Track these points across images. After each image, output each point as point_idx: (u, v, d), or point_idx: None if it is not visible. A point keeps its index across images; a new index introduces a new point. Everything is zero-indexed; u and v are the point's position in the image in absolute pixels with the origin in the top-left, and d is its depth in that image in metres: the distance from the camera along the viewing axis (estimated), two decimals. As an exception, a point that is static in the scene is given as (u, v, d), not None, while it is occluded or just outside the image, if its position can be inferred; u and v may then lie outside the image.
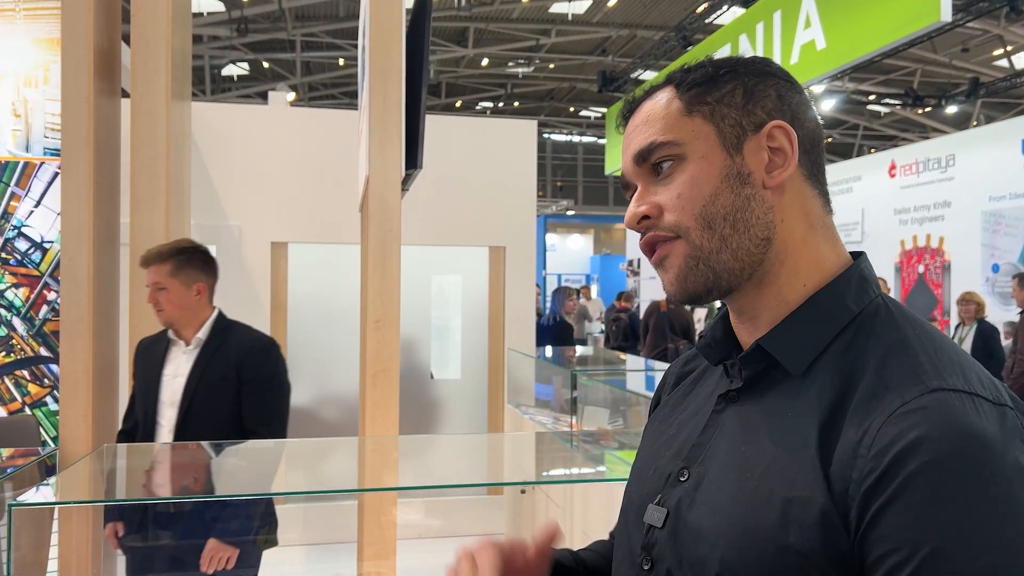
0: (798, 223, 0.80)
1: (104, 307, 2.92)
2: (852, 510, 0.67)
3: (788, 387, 0.77)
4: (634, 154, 0.83)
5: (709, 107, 0.81)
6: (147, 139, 2.81)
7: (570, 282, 19.48)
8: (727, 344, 0.86)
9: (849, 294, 0.79)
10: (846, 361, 0.75)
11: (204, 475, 2.62)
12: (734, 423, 0.80)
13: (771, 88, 0.82)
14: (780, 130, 0.80)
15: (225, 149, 4.62)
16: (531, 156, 5.12)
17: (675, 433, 0.88)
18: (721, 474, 0.77)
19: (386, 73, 2.32)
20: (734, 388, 0.82)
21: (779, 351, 0.78)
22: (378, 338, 2.35)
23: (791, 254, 0.80)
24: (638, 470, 0.91)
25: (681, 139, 0.80)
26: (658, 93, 0.85)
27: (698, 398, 0.90)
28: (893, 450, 0.65)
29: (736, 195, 0.79)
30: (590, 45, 15.23)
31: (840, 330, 0.77)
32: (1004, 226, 8.86)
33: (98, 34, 2.84)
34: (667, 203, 0.81)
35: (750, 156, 0.80)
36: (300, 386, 4.93)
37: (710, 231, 0.79)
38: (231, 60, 14.98)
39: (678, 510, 0.79)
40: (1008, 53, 13.47)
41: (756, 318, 0.82)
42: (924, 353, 0.72)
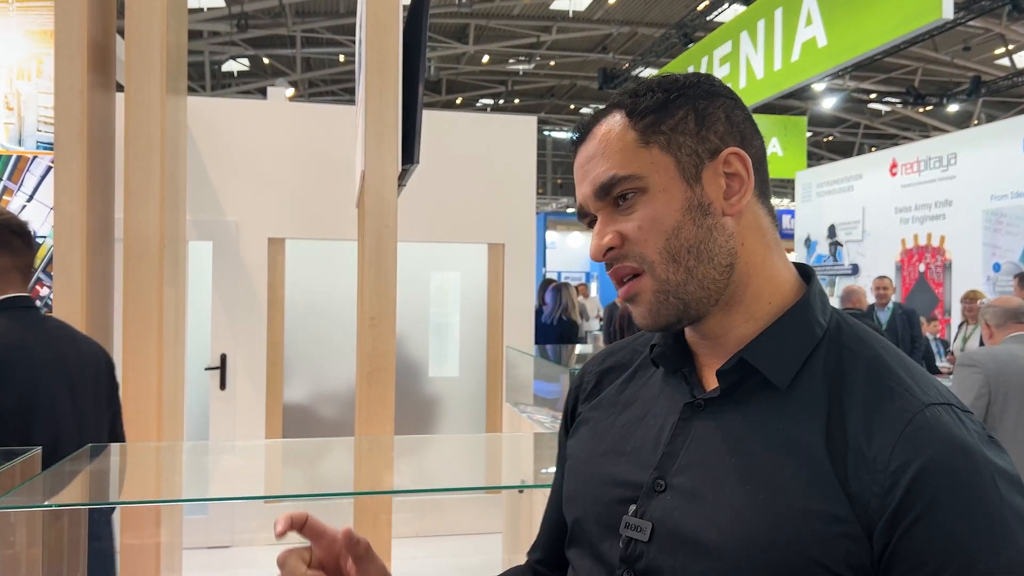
0: (757, 245, 0.83)
1: (97, 303, 2.88)
2: (879, 526, 0.70)
3: (770, 398, 0.79)
4: (595, 188, 0.83)
5: (665, 136, 0.81)
6: (141, 133, 2.77)
7: (570, 279, 19.45)
8: (681, 351, 0.87)
9: (818, 309, 0.83)
10: (827, 375, 0.78)
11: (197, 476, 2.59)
12: (711, 433, 0.80)
13: (719, 109, 0.83)
14: (735, 156, 0.82)
15: (222, 144, 4.59)
16: (531, 153, 5.09)
17: (622, 437, 0.88)
18: (713, 485, 0.77)
19: (383, 67, 2.29)
20: (704, 397, 0.82)
21: (763, 364, 0.79)
22: (374, 335, 2.31)
23: (754, 276, 0.82)
24: (582, 475, 0.90)
25: (641, 172, 0.81)
26: (609, 118, 0.85)
27: (641, 400, 0.90)
28: (911, 470, 0.70)
29: (699, 227, 0.80)
30: (591, 42, 15.18)
31: (816, 344, 0.80)
32: (1005, 225, 8.83)
33: (92, 26, 2.81)
34: (630, 233, 0.81)
35: (708, 184, 0.81)
36: (297, 383, 4.92)
37: (675, 264, 0.80)
38: (231, 56, 14.93)
39: (666, 523, 0.78)
40: (1009, 52, 13.43)
41: (722, 337, 0.84)
42: (900, 369, 0.78)
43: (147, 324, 2.75)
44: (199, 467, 2.71)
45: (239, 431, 4.56)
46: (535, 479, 2.64)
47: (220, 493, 2.56)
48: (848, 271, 11.42)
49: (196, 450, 3.23)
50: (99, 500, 2.42)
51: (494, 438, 4.01)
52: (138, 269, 2.75)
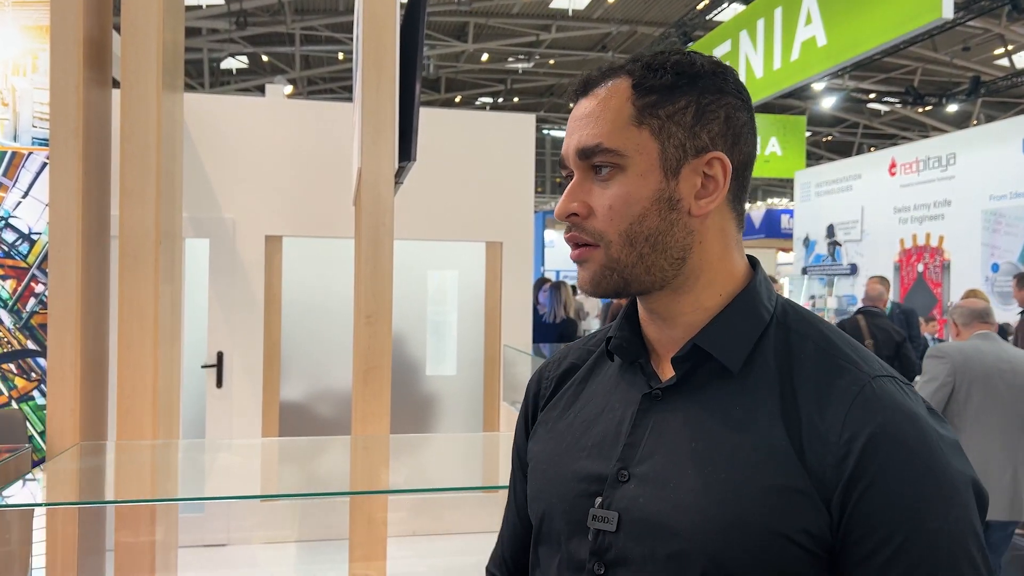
0: (716, 244, 0.85)
1: (93, 301, 2.87)
2: (835, 495, 0.74)
3: (725, 384, 0.82)
4: (577, 148, 0.85)
5: (659, 122, 0.82)
6: (137, 130, 2.76)
7: (569, 279, 19.42)
8: (636, 343, 0.89)
9: (763, 295, 0.86)
10: (777, 357, 0.82)
11: (193, 475, 2.58)
12: (671, 420, 0.83)
13: (722, 108, 0.83)
14: (718, 161, 0.83)
15: (219, 141, 4.57)
16: (529, 151, 5.07)
17: (583, 433, 0.89)
18: (676, 470, 0.79)
19: (379, 64, 2.27)
20: (660, 387, 0.85)
21: (716, 349, 0.82)
22: (370, 333, 2.30)
23: (706, 270, 0.84)
24: (546, 474, 0.91)
25: (625, 150, 0.82)
26: (614, 82, 0.85)
27: (599, 395, 0.91)
28: (862, 437, 0.74)
29: (662, 219, 0.82)
30: (590, 41, 15.16)
31: (765, 327, 0.84)
32: (1004, 225, 8.82)
33: (88, 22, 2.79)
34: (598, 209, 0.83)
35: (684, 181, 0.82)
36: (294, 381, 4.90)
37: (630, 247, 0.82)
38: (230, 53, 14.90)
39: (632, 511, 0.80)
40: (1009, 52, 13.43)
41: (671, 320, 0.86)
42: (845, 345, 0.82)
43: (143, 322, 2.74)
44: (195, 465, 2.70)
45: (235, 429, 4.55)
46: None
47: (216, 492, 2.55)
48: (847, 271, 11.41)
49: (192, 448, 3.22)
50: (94, 499, 2.41)
51: (491, 437, 4.00)
52: (134, 266, 2.73)
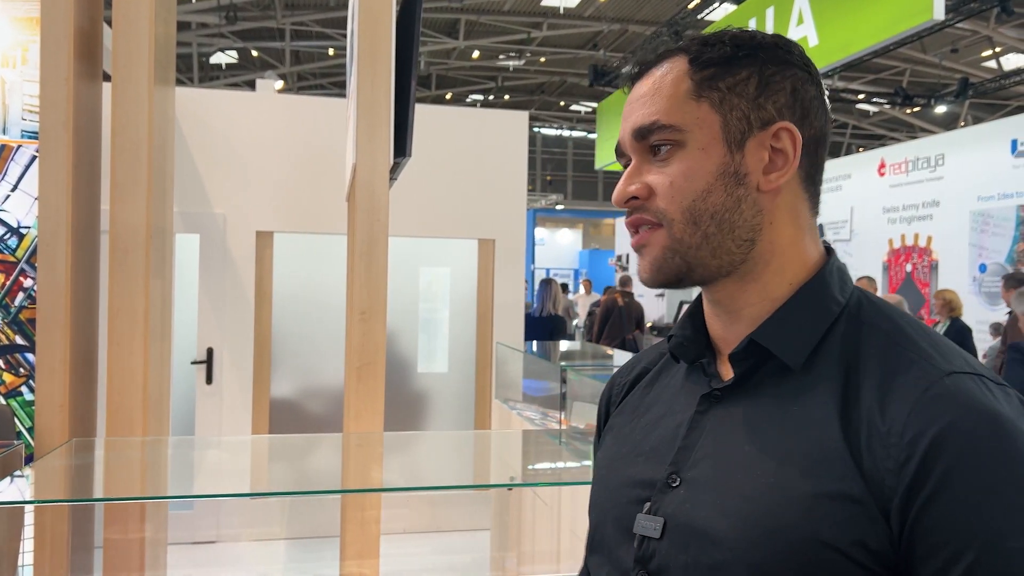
0: (787, 226, 0.79)
1: (82, 296, 2.84)
2: (895, 502, 0.66)
3: (785, 382, 0.76)
4: (633, 129, 0.80)
5: (719, 95, 0.77)
6: (128, 124, 2.73)
7: (559, 277, 19.45)
8: (699, 342, 0.85)
9: (834, 286, 0.79)
10: (845, 352, 0.75)
11: (183, 472, 2.56)
12: (727, 422, 0.78)
13: (787, 80, 0.78)
14: (787, 132, 0.78)
15: (210, 136, 4.54)
16: (522, 148, 5.06)
17: (643, 438, 0.85)
18: (724, 475, 0.74)
19: (375, 59, 2.26)
20: (719, 387, 0.80)
21: (775, 345, 0.76)
22: (364, 330, 2.29)
23: (777, 255, 0.79)
24: (604, 481, 0.87)
25: (684, 125, 0.77)
26: (669, 62, 0.81)
27: (663, 399, 0.87)
28: (927, 438, 0.65)
29: (728, 195, 0.77)
30: (582, 39, 15.16)
31: (833, 321, 0.77)
32: (992, 226, 8.88)
33: (79, 14, 2.77)
34: (658, 187, 0.79)
35: (751, 154, 0.77)
36: (285, 378, 4.88)
37: (694, 226, 0.77)
38: (219, 48, 14.82)
39: (678, 517, 0.75)
40: (997, 54, 13.52)
41: (736, 312, 0.81)
42: (923, 340, 0.73)
43: (133, 317, 2.71)
44: (185, 463, 2.68)
45: (225, 426, 4.52)
46: (524, 476, 2.64)
47: (206, 489, 2.53)
48: (835, 270, 11.44)
49: (181, 445, 3.20)
50: (83, 496, 2.38)
51: (483, 435, 4.00)
52: (124, 261, 2.71)
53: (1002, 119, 10.49)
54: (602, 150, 10.80)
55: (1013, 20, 11.36)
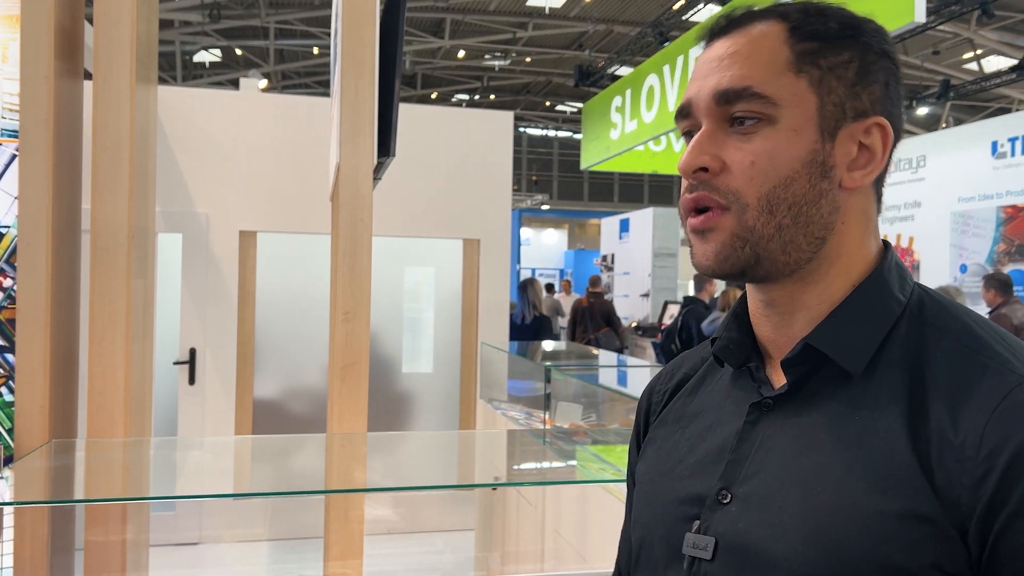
0: (858, 227, 0.73)
1: (63, 296, 2.82)
2: (973, 521, 0.61)
3: (843, 389, 0.69)
4: (717, 91, 0.71)
5: (820, 73, 0.70)
6: (110, 122, 2.72)
7: (544, 277, 19.47)
8: (746, 345, 0.78)
9: (894, 283, 0.73)
10: (908, 356, 0.68)
11: (165, 473, 2.54)
12: (780, 433, 0.71)
13: (882, 72, 0.72)
14: (879, 129, 0.71)
15: (193, 135, 4.51)
16: (507, 148, 5.07)
17: (689, 451, 0.79)
18: (780, 491, 0.68)
19: (359, 58, 2.25)
20: (771, 395, 0.73)
21: (833, 349, 0.70)
22: (347, 331, 2.28)
23: (843, 257, 0.73)
24: (648, 496, 0.82)
25: (780, 99, 0.69)
26: (766, 23, 0.72)
27: (708, 408, 0.81)
28: (1007, 451, 0.60)
29: (811, 186, 0.70)
30: (567, 39, 15.19)
31: (894, 323, 0.71)
32: (972, 227, 8.97)
33: (60, 12, 2.74)
34: (735, 165, 0.70)
35: (840, 146, 0.71)
36: (268, 378, 4.86)
37: (769, 215, 0.70)
38: (203, 46, 14.73)
39: (731, 536, 0.70)
40: (978, 56, 13.65)
41: (791, 314, 0.74)
42: (995, 341, 0.67)
43: (114, 317, 2.70)
44: (167, 463, 2.67)
45: (208, 427, 4.50)
46: (508, 476, 2.64)
47: (189, 490, 2.52)
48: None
49: (164, 446, 3.18)
50: (63, 497, 2.36)
51: (467, 435, 3.99)
52: (105, 261, 2.69)
53: (982, 121, 10.60)
54: (587, 151, 10.80)
55: (994, 22, 11.48)
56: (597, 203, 24.62)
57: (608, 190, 25.37)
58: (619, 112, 9.50)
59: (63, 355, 2.85)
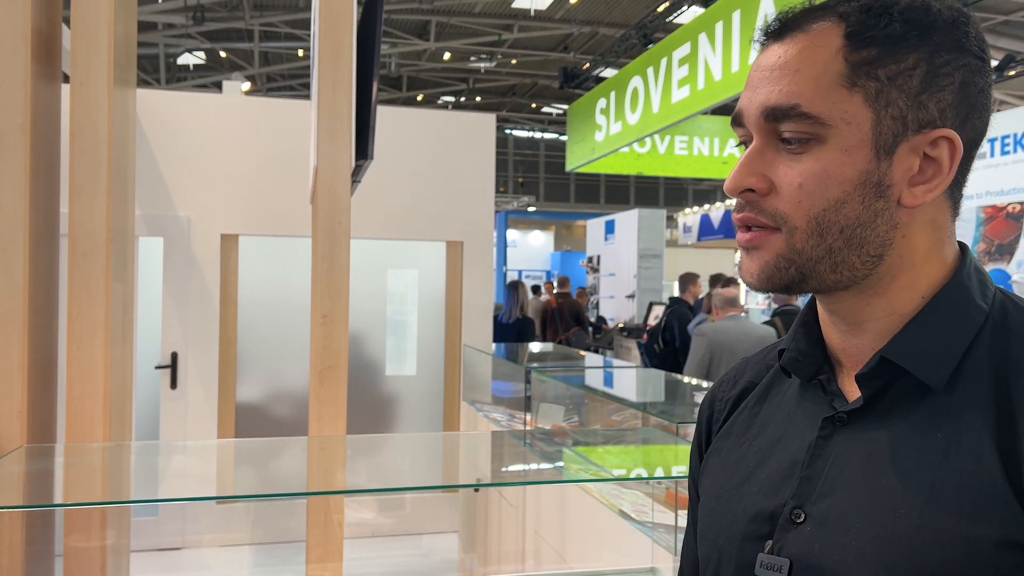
0: (923, 238, 0.68)
1: (41, 300, 2.80)
2: None
3: (924, 404, 0.66)
4: (764, 107, 0.67)
5: (877, 86, 0.65)
6: (87, 126, 2.71)
7: (531, 279, 19.48)
8: (816, 355, 0.74)
9: (975, 290, 0.69)
10: (994, 368, 0.65)
11: (145, 476, 2.53)
12: (857, 450, 0.68)
13: (958, 71, 0.66)
14: (946, 142, 0.66)
15: (174, 138, 4.49)
16: (490, 151, 5.07)
17: (757, 465, 0.76)
18: (859, 512, 0.65)
19: (336, 61, 2.26)
20: (845, 410, 0.70)
21: (911, 363, 0.66)
22: (326, 333, 2.28)
23: (906, 269, 0.68)
24: (715, 512, 0.78)
25: (829, 118, 0.65)
26: (821, 25, 0.68)
27: (776, 420, 0.77)
28: None
29: (865, 208, 0.66)
30: (552, 41, 15.22)
31: (977, 332, 0.67)
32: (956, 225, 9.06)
33: (37, 15, 2.73)
34: (784, 186, 0.67)
35: (899, 162, 0.66)
36: (251, 382, 4.84)
37: (818, 238, 0.67)
38: (186, 49, 14.66)
39: (807, 560, 0.66)
40: (959, 58, 13.77)
41: (858, 325, 0.71)
42: None
43: (93, 322, 2.69)
44: (148, 467, 2.66)
45: (190, 431, 4.48)
46: (492, 478, 2.65)
47: (170, 494, 2.51)
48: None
49: (144, 450, 3.16)
50: (41, 502, 2.35)
51: (450, 437, 4.00)
52: (83, 265, 2.68)
53: (963, 122, 10.71)
54: (572, 152, 10.83)
55: (974, 25, 11.57)
56: (583, 205, 24.68)
57: (594, 192, 25.43)
58: (604, 114, 9.54)
59: (41, 360, 2.84)
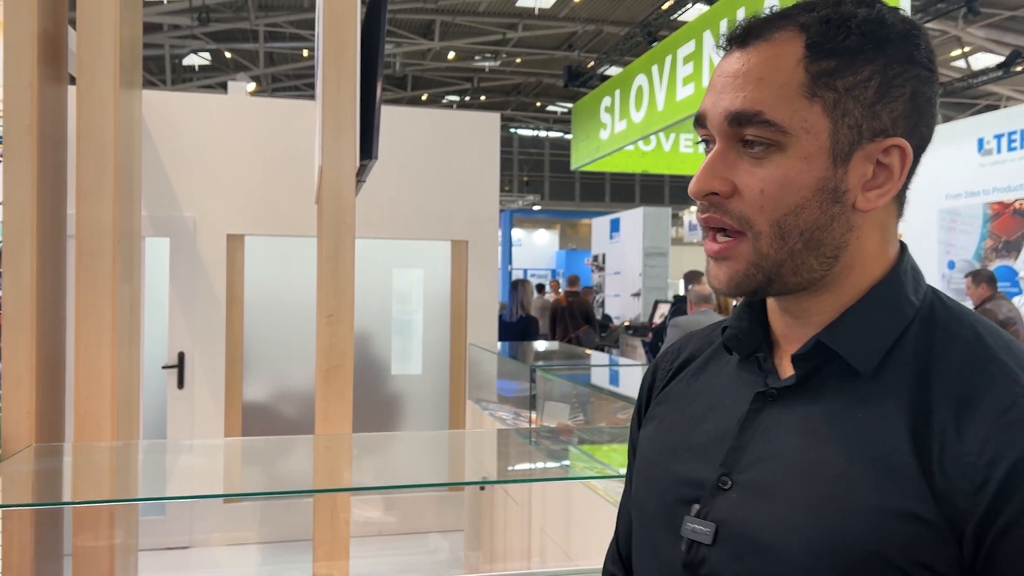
0: (873, 239, 0.74)
1: (49, 301, 2.82)
2: (969, 526, 0.63)
3: (850, 386, 0.71)
4: (728, 112, 0.71)
5: (835, 96, 0.69)
6: (93, 127, 2.72)
7: (535, 277, 19.48)
8: (756, 335, 0.79)
9: (909, 286, 0.74)
10: (918, 360, 0.70)
11: (154, 475, 2.55)
12: (784, 424, 0.73)
13: (909, 83, 0.71)
14: (898, 150, 0.71)
15: (180, 139, 4.51)
16: (494, 149, 5.08)
17: (689, 432, 0.80)
18: (782, 481, 0.70)
19: (340, 61, 2.26)
20: (777, 386, 0.75)
21: (845, 348, 0.71)
22: (331, 333, 2.29)
23: (857, 267, 0.74)
24: (647, 475, 0.83)
25: (790, 127, 0.69)
26: (783, 35, 0.71)
27: (711, 391, 0.82)
28: (1006, 463, 0.62)
29: (822, 212, 0.70)
30: (557, 40, 15.22)
31: (907, 325, 0.72)
32: (960, 223, 9.03)
33: (43, 17, 2.74)
34: (746, 191, 0.71)
35: (854, 169, 0.70)
36: (257, 381, 4.86)
37: (781, 242, 0.71)
38: (192, 50, 14.70)
39: (732, 524, 0.71)
40: (965, 54, 13.72)
41: (804, 318, 0.76)
42: (1003, 351, 0.69)
43: (100, 322, 2.70)
44: (155, 466, 2.67)
45: (197, 430, 4.50)
46: (497, 476, 2.65)
47: (177, 492, 2.52)
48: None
49: (152, 449, 3.18)
50: (50, 500, 2.37)
51: (456, 435, 4.01)
52: (90, 266, 2.70)
53: (969, 118, 10.66)
54: (577, 151, 10.82)
55: (981, 20, 11.55)
56: (589, 203, 24.66)
57: (599, 190, 25.41)
58: (608, 112, 9.53)
59: (49, 360, 2.85)
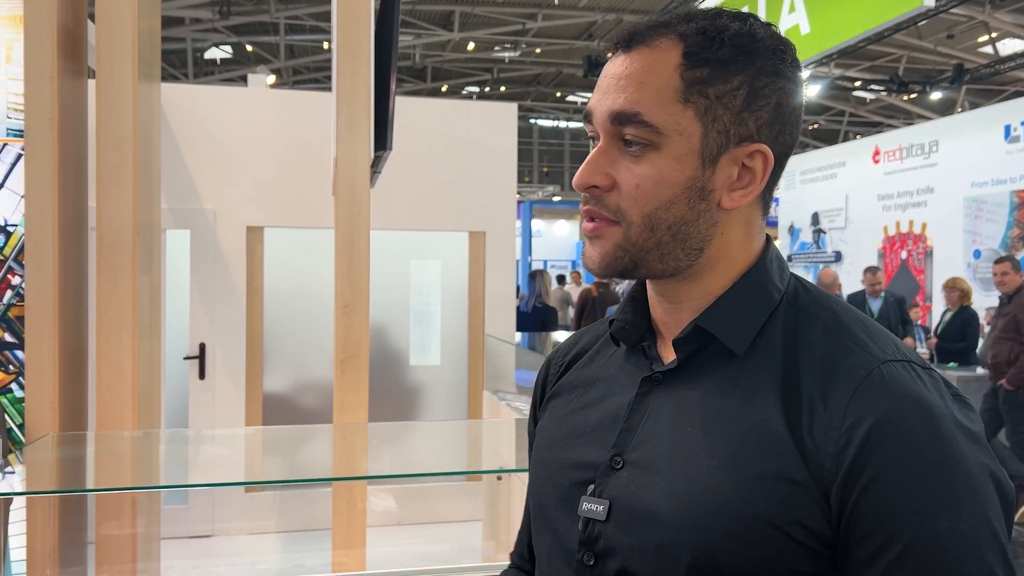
0: (737, 234, 0.80)
1: (71, 292, 2.86)
2: (835, 485, 0.69)
3: (727, 366, 0.77)
4: (611, 112, 0.76)
5: (706, 102, 0.75)
6: (113, 120, 2.75)
7: (556, 268, 19.45)
8: (640, 325, 0.85)
9: (774, 274, 0.81)
10: (785, 338, 0.77)
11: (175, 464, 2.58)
12: (669, 405, 0.79)
13: (775, 94, 0.77)
14: (760, 155, 0.77)
15: (200, 132, 4.55)
16: (512, 140, 5.07)
17: (583, 419, 0.85)
18: (668, 457, 0.75)
19: (354, 53, 2.27)
20: (661, 370, 0.80)
21: (720, 331, 0.77)
22: (347, 323, 2.31)
23: (724, 259, 0.80)
24: (544, 462, 0.88)
25: (665, 129, 0.75)
26: (663, 43, 0.77)
27: (602, 380, 0.87)
28: (865, 425, 0.69)
29: (690, 208, 0.76)
30: (576, 30, 15.14)
31: (774, 308, 0.79)
32: (986, 212, 8.89)
33: (63, 12, 2.77)
34: (623, 185, 0.77)
35: (720, 170, 0.77)
36: (277, 372, 4.90)
37: (650, 233, 0.77)
38: (214, 43, 14.79)
39: (623, 499, 0.76)
40: (992, 40, 13.49)
41: (678, 304, 0.82)
42: (858, 328, 0.76)
43: (121, 313, 2.73)
44: (177, 455, 2.71)
45: (218, 420, 4.55)
46: (515, 465, 2.65)
47: (199, 480, 2.55)
48: (831, 258, 11.48)
49: (173, 438, 3.22)
50: (72, 487, 2.41)
51: (474, 425, 4.02)
52: (111, 258, 2.73)
53: (995, 105, 10.50)
54: (597, 141, 10.78)
55: (1009, 5, 11.34)
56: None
57: (620, 180, 25.22)
58: (628, 102, 9.49)
59: (71, 351, 2.89)
